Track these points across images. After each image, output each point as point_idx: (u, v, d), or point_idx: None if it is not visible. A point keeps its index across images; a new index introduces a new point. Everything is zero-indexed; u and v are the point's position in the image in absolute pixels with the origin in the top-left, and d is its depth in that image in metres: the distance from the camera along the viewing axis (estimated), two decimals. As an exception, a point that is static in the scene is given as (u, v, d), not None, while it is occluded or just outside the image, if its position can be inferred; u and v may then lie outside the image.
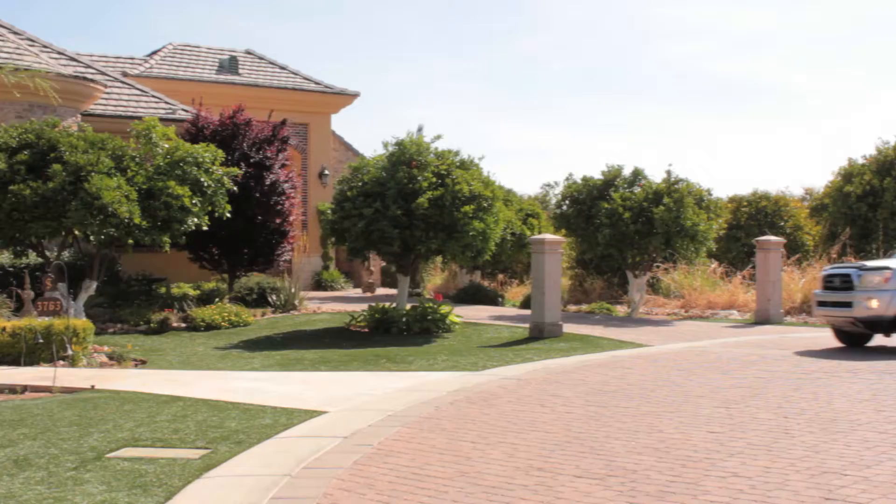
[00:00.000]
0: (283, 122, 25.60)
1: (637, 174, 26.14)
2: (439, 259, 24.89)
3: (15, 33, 26.76)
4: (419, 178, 19.35)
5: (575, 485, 7.46)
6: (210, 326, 20.11)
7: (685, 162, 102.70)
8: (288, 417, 10.45)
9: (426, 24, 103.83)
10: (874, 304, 15.59)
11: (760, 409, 10.58)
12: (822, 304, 16.75)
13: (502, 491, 7.33)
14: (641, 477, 7.63)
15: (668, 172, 25.17)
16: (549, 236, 19.70)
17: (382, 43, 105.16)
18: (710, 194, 25.02)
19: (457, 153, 20.61)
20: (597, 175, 26.53)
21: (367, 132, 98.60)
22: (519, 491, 7.32)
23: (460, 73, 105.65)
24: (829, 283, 16.69)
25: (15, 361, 14.86)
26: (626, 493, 7.16)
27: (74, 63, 27.15)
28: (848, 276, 16.18)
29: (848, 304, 15.95)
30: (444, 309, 20.05)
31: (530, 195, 54.64)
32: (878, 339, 16.97)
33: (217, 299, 22.46)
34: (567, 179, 28.73)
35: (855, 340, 16.70)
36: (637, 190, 25.28)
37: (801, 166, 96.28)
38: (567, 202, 26.90)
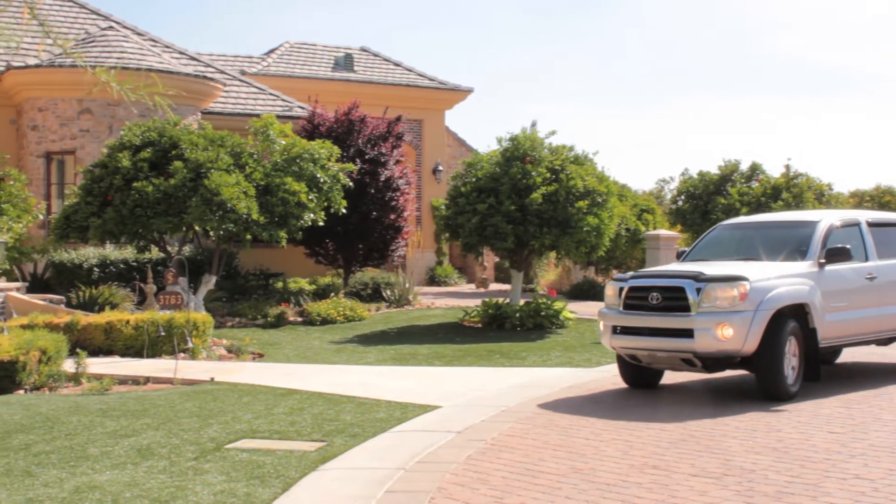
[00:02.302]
0: (398, 119, 25.75)
1: (755, 169, 25.73)
2: (553, 255, 24.79)
3: (139, 34, 27.47)
4: (533, 173, 19.29)
5: (690, 483, 7.37)
6: (325, 321, 20.33)
7: (805, 156, 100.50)
8: (402, 412, 10.52)
9: (540, 20, 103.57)
10: (728, 332, 10.85)
11: (884, 409, 10.31)
12: (626, 331, 11.66)
13: (617, 488, 7.27)
14: (759, 477, 7.50)
15: (787, 167, 24.76)
16: (664, 232, 19.53)
17: (496, 38, 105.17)
18: (831, 189, 24.52)
19: (571, 148, 20.50)
20: (713, 170, 26.19)
21: (480, 128, 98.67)
22: (633, 489, 7.26)
23: (574, 69, 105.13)
24: (640, 299, 11.62)
25: (138, 353, 15.27)
26: (744, 493, 7.05)
27: (195, 63, 27.75)
28: (679, 289, 11.24)
29: (683, 333, 11.07)
30: (558, 305, 19.95)
31: (645, 190, 54.06)
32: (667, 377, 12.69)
33: (332, 294, 22.70)
34: (683, 174, 28.48)
35: (647, 380, 12.13)
36: (755, 185, 24.90)
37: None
38: (682, 197, 26.63)
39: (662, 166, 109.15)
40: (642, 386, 12.06)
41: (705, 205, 25.32)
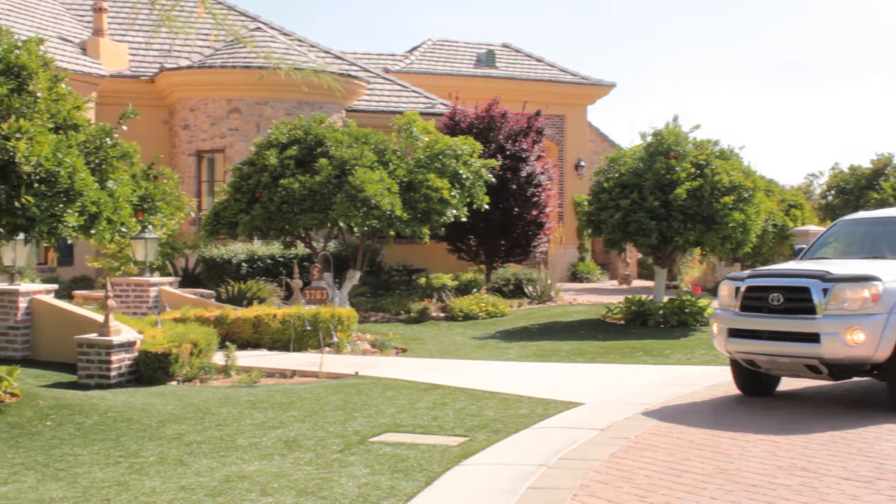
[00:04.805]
0: (537, 114, 25.72)
1: (909, 162, 24.85)
2: (697, 251, 24.41)
3: (285, 34, 28.07)
4: (677, 168, 19.01)
5: (841, 487, 7.17)
6: (468, 316, 20.40)
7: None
8: (544, 408, 10.49)
9: (683, 14, 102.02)
10: (859, 337, 9.81)
11: None
12: (743, 334, 10.75)
13: (763, 490, 7.12)
14: (915, 481, 7.26)
15: (945, 160, 23.82)
16: (813, 227, 19.04)
17: (640, 33, 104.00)
18: None
19: (716, 143, 20.14)
20: (865, 164, 25.44)
21: (623, 123, 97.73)
22: (781, 491, 7.10)
23: (719, 63, 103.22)
24: (758, 299, 10.69)
25: (285, 347, 15.59)
26: (899, 498, 6.83)
27: (339, 61, 28.21)
28: (803, 289, 10.27)
29: (808, 338, 10.11)
30: (703, 302, 19.63)
31: (793, 185, 52.70)
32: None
33: (474, 290, 22.79)
34: (833, 169, 27.69)
35: (763, 386, 11.34)
36: (910, 179, 24.05)
37: None
38: (832, 192, 25.95)
39: (811, 161, 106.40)
40: (758, 393, 11.27)
41: (857, 200, 24.68)
